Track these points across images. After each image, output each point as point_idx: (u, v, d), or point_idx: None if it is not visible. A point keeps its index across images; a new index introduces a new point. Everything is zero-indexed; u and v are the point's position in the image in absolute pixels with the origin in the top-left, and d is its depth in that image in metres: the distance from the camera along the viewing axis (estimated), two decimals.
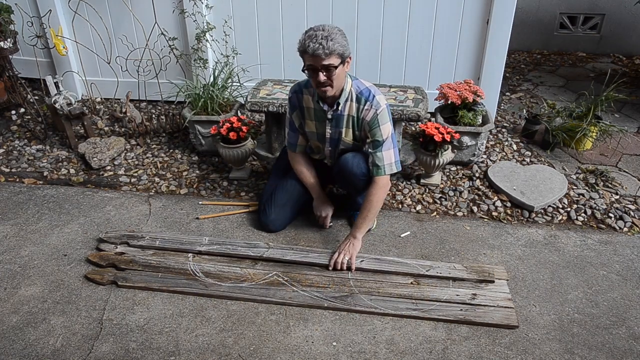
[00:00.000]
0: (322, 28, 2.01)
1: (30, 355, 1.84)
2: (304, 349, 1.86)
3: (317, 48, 1.98)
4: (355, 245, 2.25)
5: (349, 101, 2.22)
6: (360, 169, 2.27)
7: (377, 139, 2.21)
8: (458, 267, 2.20)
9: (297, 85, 2.35)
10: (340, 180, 2.40)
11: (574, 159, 3.04)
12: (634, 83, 4.08)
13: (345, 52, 2.04)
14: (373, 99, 2.19)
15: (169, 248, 2.32)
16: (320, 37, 1.98)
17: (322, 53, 1.98)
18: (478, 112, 2.86)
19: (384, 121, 2.20)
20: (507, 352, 1.84)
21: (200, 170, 3.02)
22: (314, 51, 1.98)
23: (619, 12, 4.64)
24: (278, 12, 3.34)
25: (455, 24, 3.18)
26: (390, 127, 2.23)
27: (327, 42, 1.97)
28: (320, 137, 2.37)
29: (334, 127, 2.29)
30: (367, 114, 2.20)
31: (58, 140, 3.34)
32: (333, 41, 1.98)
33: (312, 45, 1.98)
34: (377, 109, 2.18)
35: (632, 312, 2.01)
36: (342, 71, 2.09)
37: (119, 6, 3.44)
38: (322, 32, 1.99)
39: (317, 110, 2.30)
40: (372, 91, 2.21)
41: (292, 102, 2.36)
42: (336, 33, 2.01)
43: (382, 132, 2.20)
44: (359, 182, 2.31)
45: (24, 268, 2.27)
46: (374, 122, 2.20)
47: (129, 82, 3.60)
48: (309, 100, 2.31)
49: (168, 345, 1.87)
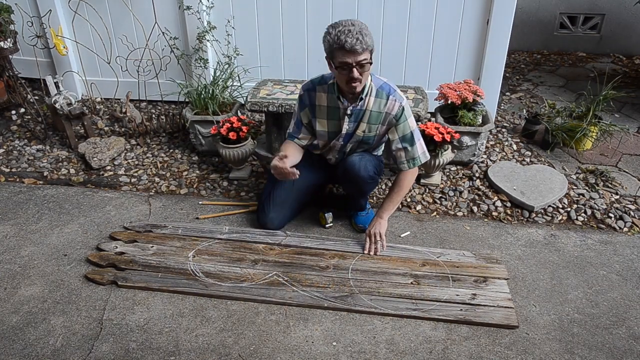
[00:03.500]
0: (352, 23, 1.96)
1: (30, 355, 1.84)
2: (304, 349, 1.86)
3: (355, 43, 1.92)
4: (382, 224, 2.32)
5: (368, 95, 2.20)
6: (367, 172, 2.27)
7: (407, 132, 2.24)
8: (467, 254, 2.29)
9: (310, 82, 2.30)
10: (346, 182, 2.39)
11: (574, 159, 3.04)
12: (634, 83, 4.09)
13: (374, 48, 2.04)
14: (395, 92, 2.20)
15: (190, 236, 2.41)
16: (355, 32, 1.92)
17: (359, 48, 1.93)
18: (478, 112, 2.86)
19: (409, 114, 2.23)
20: (507, 352, 1.84)
21: (200, 170, 3.02)
22: (352, 46, 1.92)
23: (619, 12, 4.64)
24: (278, 12, 3.34)
25: (455, 24, 3.18)
26: (415, 120, 2.27)
27: (362, 37, 1.93)
28: (332, 135, 2.33)
29: (352, 122, 2.26)
30: (392, 108, 2.20)
31: (58, 140, 3.34)
32: (367, 36, 1.95)
33: (350, 41, 1.91)
34: (401, 102, 2.19)
35: (632, 312, 2.01)
36: (369, 68, 2.06)
37: (119, 6, 3.43)
38: (353, 27, 1.94)
39: (331, 108, 2.26)
40: (391, 86, 2.22)
41: (303, 100, 2.31)
42: (366, 27, 1.98)
43: (410, 125, 2.23)
44: (366, 185, 2.32)
45: (24, 268, 2.27)
46: (401, 116, 2.21)
47: (129, 82, 3.60)
48: (322, 98, 2.26)
49: (168, 345, 1.87)
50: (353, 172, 2.26)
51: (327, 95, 2.24)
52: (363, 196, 2.44)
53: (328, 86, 2.22)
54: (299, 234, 2.44)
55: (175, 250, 2.31)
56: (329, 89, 2.22)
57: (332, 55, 2.02)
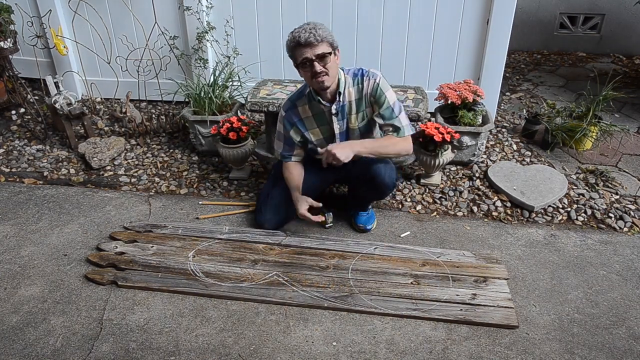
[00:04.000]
0: (307, 23, 2.09)
1: (30, 355, 1.84)
2: (304, 349, 1.86)
3: (309, 37, 2.03)
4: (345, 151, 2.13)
5: (347, 88, 2.24)
6: (391, 180, 2.30)
7: (387, 107, 2.23)
8: (467, 254, 2.29)
9: (288, 101, 2.36)
10: (366, 186, 2.36)
11: (574, 159, 3.04)
12: (634, 83, 4.08)
13: (334, 42, 2.10)
14: (367, 72, 2.24)
15: (190, 236, 2.41)
16: (309, 29, 2.05)
17: (314, 40, 2.03)
18: (478, 112, 2.86)
19: (386, 87, 2.23)
20: (507, 352, 1.84)
21: (200, 170, 3.02)
22: (306, 39, 2.03)
23: (619, 12, 4.64)
24: (278, 12, 3.34)
25: (455, 24, 3.18)
26: (394, 94, 2.26)
27: (316, 30, 2.05)
28: (328, 139, 2.36)
29: (340, 120, 2.29)
30: (368, 86, 2.22)
31: (58, 140, 3.34)
32: (322, 30, 2.06)
33: (304, 35, 2.03)
34: (375, 78, 2.22)
35: (632, 312, 2.01)
36: (334, 61, 2.12)
37: (119, 6, 3.44)
38: (307, 25, 2.07)
39: (317, 115, 2.31)
40: (363, 69, 2.25)
41: (288, 119, 2.35)
42: (323, 26, 2.08)
43: (388, 98, 2.23)
44: (388, 191, 2.34)
45: (24, 268, 2.27)
46: (378, 91, 2.22)
47: (129, 82, 3.60)
48: (306, 109, 2.32)
49: (168, 345, 1.87)
50: (378, 179, 2.27)
51: (308, 105, 2.30)
52: (380, 199, 2.44)
53: (306, 96, 2.28)
54: (299, 234, 2.44)
55: (175, 250, 2.31)
56: (308, 98, 2.28)
57: (294, 56, 2.12)
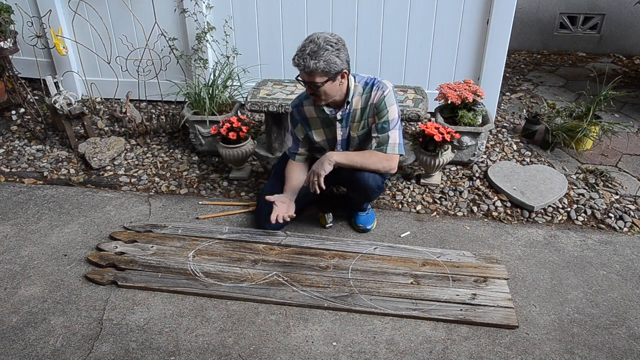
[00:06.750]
0: (316, 40, 1.96)
1: (30, 355, 1.84)
2: (304, 349, 1.86)
3: (298, 63, 1.97)
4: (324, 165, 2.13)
5: (355, 96, 2.21)
6: (375, 182, 2.27)
7: (385, 120, 2.19)
8: (467, 254, 2.28)
9: (297, 99, 2.35)
10: (352, 189, 2.37)
11: (574, 158, 3.04)
12: (634, 83, 4.08)
13: (332, 69, 1.98)
14: (379, 82, 2.19)
15: (190, 236, 2.41)
16: (306, 53, 1.95)
17: (303, 69, 1.98)
18: (478, 112, 2.86)
19: (391, 102, 2.18)
20: (507, 352, 1.84)
21: (200, 170, 3.02)
22: (296, 65, 1.99)
23: (619, 12, 4.64)
24: (278, 12, 3.34)
25: (455, 24, 3.18)
26: (397, 109, 2.22)
27: (309, 60, 1.94)
28: (332, 141, 2.36)
29: (344, 126, 2.28)
30: (374, 96, 2.18)
31: (58, 140, 3.34)
32: (317, 59, 1.94)
33: (296, 60, 1.98)
34: (383, 90, 2.17)
35: (632, 312, 2.01)
36: (331, 86, 2.06)
37: (119, 6, 3.44)
38: (312, 45, 1.95)
39: (321, 118, 2.30)
40: (376, 78, 2.21)
41: (294, 116, 2.36)
42: (326, 49, 1.95)
43: (389, 113, 2.18)
44: (374, 193, 2.33)
45: (24, 268, 2.27)
46: (382, 104, 2.18)
47: (129, 82, 3.60)
48: (311, 110, 2.31)
49: (168, 345, 1.87)
50: (362, 182, 2.25)
51: (314, 107, 2.28)
52: (368, 202, 2.45)
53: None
54: (299, 234, 2.44)
55: (175, 250, 2.31)
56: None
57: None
